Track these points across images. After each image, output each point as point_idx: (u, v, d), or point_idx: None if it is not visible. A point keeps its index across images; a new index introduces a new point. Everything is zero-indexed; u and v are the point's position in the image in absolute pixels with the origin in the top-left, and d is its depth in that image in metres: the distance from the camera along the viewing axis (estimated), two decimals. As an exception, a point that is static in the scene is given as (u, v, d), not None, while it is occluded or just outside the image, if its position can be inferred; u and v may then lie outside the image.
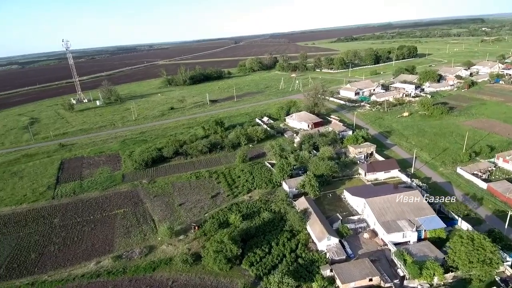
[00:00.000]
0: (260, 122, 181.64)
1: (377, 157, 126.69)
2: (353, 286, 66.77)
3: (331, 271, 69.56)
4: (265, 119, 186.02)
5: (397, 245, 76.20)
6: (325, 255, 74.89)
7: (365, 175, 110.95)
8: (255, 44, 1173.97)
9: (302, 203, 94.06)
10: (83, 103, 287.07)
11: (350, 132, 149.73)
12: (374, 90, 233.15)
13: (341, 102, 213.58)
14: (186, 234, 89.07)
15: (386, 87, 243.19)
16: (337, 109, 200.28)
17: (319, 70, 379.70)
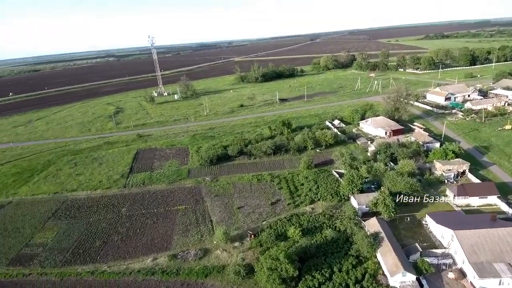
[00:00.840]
0: (330, 125, 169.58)
1: (471, 177, 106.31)
2: None
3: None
4: (336, 122, 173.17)
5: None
6: (398, 294, 63.12)
7: (454, 199, 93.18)
8: (332, 41, 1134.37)
9: (373, 225, 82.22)
10: (163, 96, 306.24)
11: (437, 144, 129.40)
12: (469, 96, 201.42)
13: (428, 107, 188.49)
14: (241, 241, 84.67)
15: (484, 93, 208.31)
16: (422, 116, 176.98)
17: (402, 70, 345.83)
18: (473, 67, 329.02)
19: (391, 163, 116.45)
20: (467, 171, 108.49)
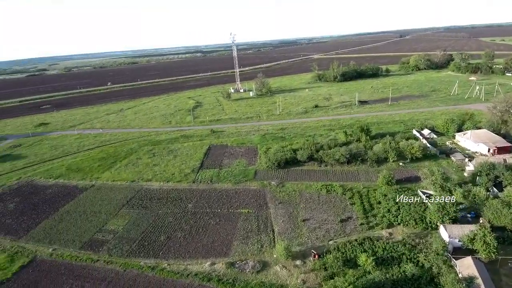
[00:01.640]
0: (418, 135, 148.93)
1: None
2: None
3: None
4: (426, 132, 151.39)
5: None
6: None
7: None
8: (424, 38, 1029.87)
9: (467, 266, 66.91)
10: (239, 93, 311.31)
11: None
12: None
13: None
14: (303, 260, 77.07)
15: None
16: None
17: (510, 74, 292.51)
18: None
19: (495, 189, 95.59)
20: None
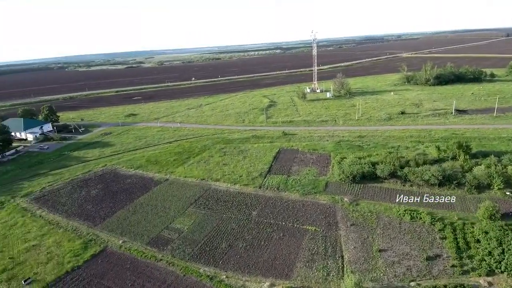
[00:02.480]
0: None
1: None
2: None
3: None
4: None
5: None
6: None
7: None
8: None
9: None
10: (315, 93, 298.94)
11: None
12: None
13: None
14: (376, 300, 66.34)
15: None
16: None
17: None
18: None
19: None
20: None
